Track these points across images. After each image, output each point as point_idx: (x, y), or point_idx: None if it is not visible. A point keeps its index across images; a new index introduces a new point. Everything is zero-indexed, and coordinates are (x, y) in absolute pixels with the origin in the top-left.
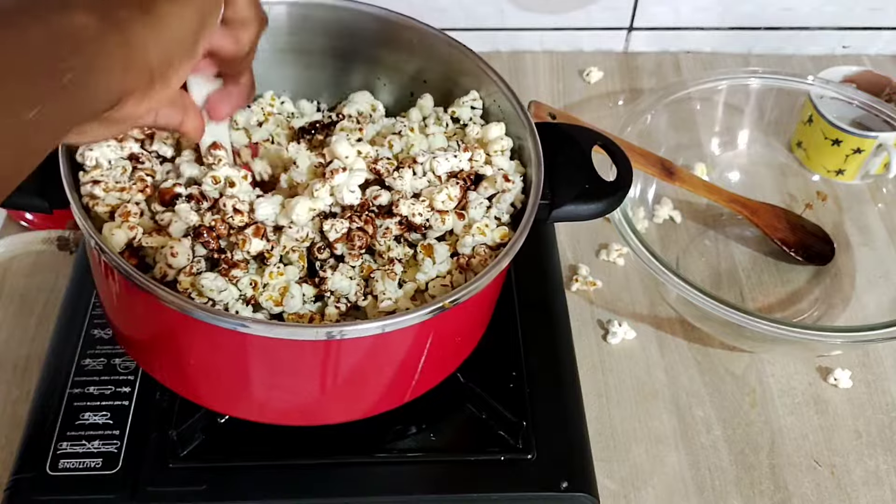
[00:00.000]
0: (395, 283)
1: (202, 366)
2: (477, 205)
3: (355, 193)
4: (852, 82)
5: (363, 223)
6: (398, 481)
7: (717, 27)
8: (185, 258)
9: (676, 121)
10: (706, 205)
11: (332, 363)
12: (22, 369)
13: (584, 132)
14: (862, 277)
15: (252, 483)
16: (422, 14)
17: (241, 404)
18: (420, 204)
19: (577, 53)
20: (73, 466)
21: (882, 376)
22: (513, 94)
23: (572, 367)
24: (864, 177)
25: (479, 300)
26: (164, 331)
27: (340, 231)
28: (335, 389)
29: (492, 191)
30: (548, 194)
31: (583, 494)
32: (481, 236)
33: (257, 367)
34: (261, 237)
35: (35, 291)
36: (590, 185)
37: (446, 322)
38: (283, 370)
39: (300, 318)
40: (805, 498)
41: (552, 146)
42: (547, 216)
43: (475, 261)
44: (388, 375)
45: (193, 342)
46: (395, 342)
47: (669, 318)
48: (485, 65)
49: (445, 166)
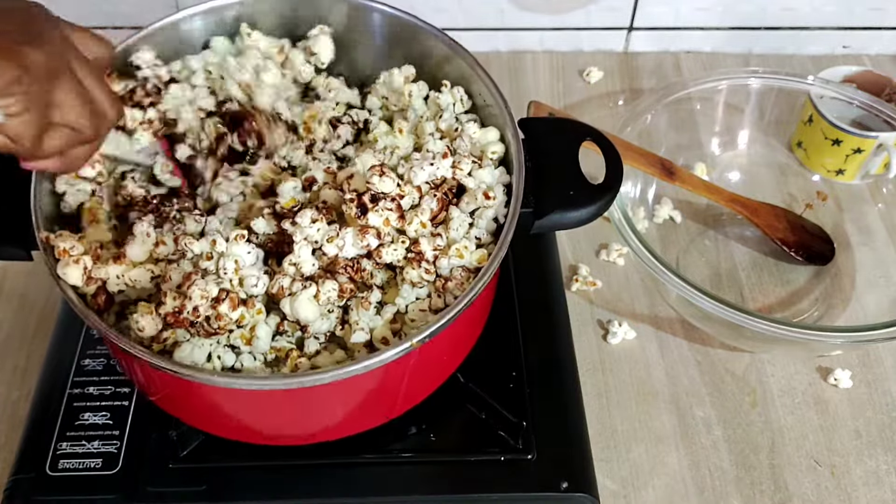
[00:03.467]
0: (370, 311)
1: (183, 401)
2: (458, 224)
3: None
4: (852, 82)
5: (350, 275)
6: (398, 481)
7: (717, 27)
8: (154, 328)
9: (676, 121)
10: (706, 205)
11: (304, 403)
12: (22, 369)
13: (572, 126)
14: (862, 277)
15: (252, 483)
16: (422, 14)
17: (230, 431)
18: (400, 246)
19: (577, 53)
20: (72, 467)
21: (882, 376)
22: (498, 91)
23: (572, 367)
24: (864, 177)
25: (461, 322)
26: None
27: (332, 291)
28: (316, 419)
29: (473, 206)
30: (531, 201)
31: (583, 494)
32: (458, 259)
33: (235, 408)
34: (235, 307)
35: (35, 291)
36: (575, 190)
37: (425, 352)
38: (258, 411)
39: (278, 352)
40: (805, 498)
41: (538, 144)
42: (530, 225)
43: (452, 284)
44: (370, 402)
45: (166, 385)
46: (367, 379)
47: (669, 318)
48: (473, 61)
49: (422, 176)
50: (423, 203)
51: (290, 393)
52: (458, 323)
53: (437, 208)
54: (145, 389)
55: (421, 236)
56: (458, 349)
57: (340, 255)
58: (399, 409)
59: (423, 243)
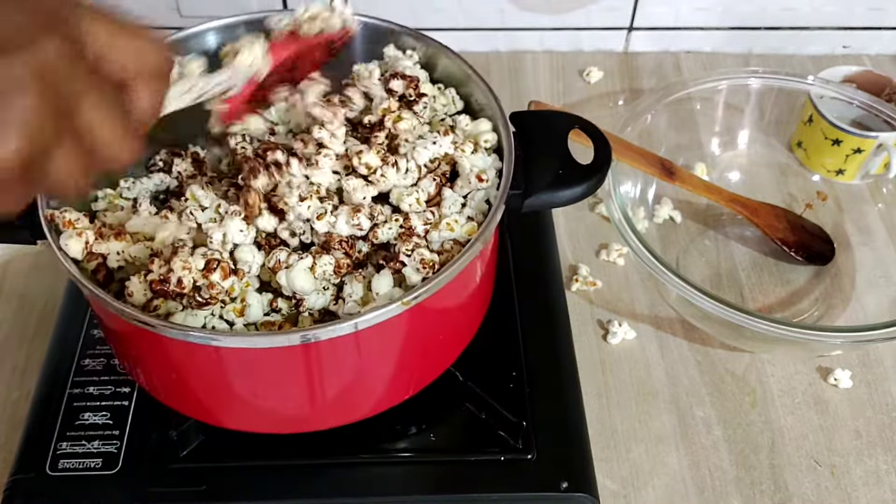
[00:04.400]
0: (363, 285)
1: (184, 380)
2: (451, 203)
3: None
4: (852, 82)
5: (345, 251)
6: (398, 481)
7: (717, 27)
8: (142, 295)
9: (676, 121)
10: (706, 205)
11: (312, 368)
12: (22, 369)
13: (559, 116)
14: (862, 277)
15: (251, 483)
16: (423, 14)
17: (231, 416)
18: (394, 224)
19: (577, 53)
20: (72, 466)
21: (882, 376)
22: (486, 83)
23: (572, 367)
24: (864, 177)
25: (455, 295)
26: (139, 346)
27: (328, 265)
28: (321, 394)
29: (467, 189)
30: (521, 184)
31: (583, 494)
32: (449, 232)
33: (237, 380)
34: (227, 276)
35: (35, 291)
36: (564, 169)
37: (423, 318)
38: (263, 380)
39: (272, 326)
40: (805, 498)
41: (528, 134)
42: (520, 205)
43: (444, 257)
44: (373, 376)
45: (168, 358)
46: (370, 339)
47: (669, 318)
48: (461, 60)
49: (426, 155)
50: (421, 184)
51: (295, 354)
52: (454, 286)
53: (435, 191)
54: (139, 371)
55: (413, 212)
56: (463, 324)
57: (334, 231)
58: (413, 388)
59: (414, 219)
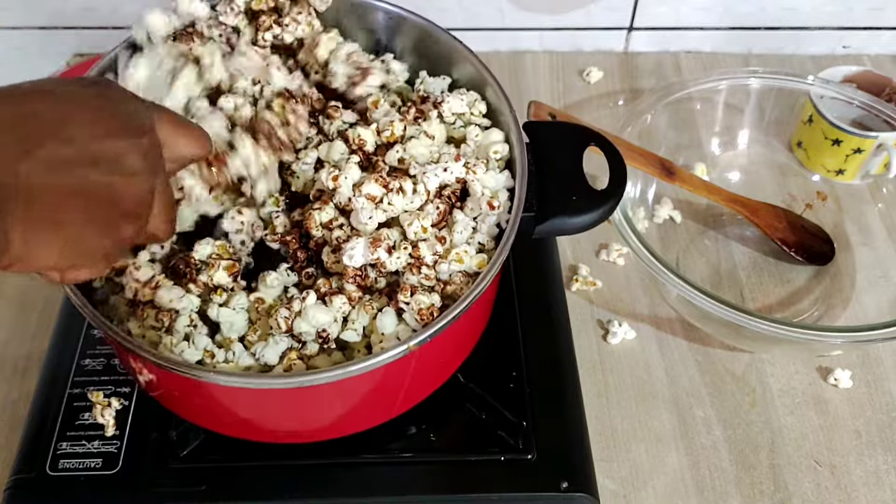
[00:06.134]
0: (369, 315)
1: (182, 397)
2: (462, 228)
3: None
4: (852, 82)
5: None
6: (398, 481)
7: (717, 27)
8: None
9: (676, 121)
10: (706, 205)
11: (313, 404)
12: (22, 369)
13: (578, 131)
14: (862, 277)
15: (252, 483)
16: (424, 13)
17: (230, 428)
18: (403, 253)
19: (577, 53)
20: (72, 467)
21: (882, 376)
22: (505, 95)
23: (572, 367)
24: (864, 177)
25: (460, 325)
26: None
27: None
28: (320, 419)
29: (477, 211)
30: (533, 205)
31: (583, 494)
32: (458, 263)
33: (231, 405)
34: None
35: (35, 291)
36: (578, 196)
37: (424, 354)
38: (261, 411)
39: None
40: (805, 498)
41: (543, 149)
42: (532, 230)
43: (451, 288)
44: (374, 401)
45: (163, 381)
46: (364, 381)
47: (669, 318)
48: (480, 64)
49: (435, 182)
50: (427, 207)
51: (285, 392)
52: (458, 326)
53: (441, 215)
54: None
55: (420, 240)
56: (458, 350)
57: (349, 264)
58: (399, 409)
59: (423, 248)
